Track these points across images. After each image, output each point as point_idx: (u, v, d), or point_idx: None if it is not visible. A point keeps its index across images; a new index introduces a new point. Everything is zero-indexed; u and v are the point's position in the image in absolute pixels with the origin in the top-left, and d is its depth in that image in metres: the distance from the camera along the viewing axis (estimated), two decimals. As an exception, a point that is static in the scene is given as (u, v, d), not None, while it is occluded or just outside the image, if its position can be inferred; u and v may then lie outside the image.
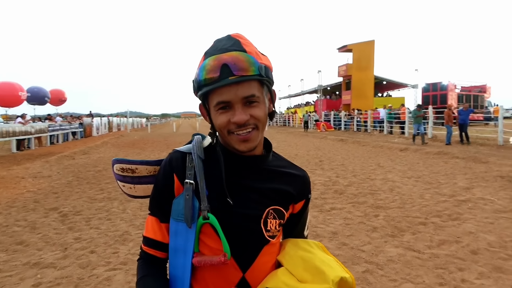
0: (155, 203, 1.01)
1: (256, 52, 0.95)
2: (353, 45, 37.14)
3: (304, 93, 50.87)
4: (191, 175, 0.96)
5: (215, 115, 0.93)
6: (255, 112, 0.92)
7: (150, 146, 18.30)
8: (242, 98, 0.90)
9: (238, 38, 0.94)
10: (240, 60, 0.88)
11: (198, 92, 0.94)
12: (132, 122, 47.98)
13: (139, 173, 1.07)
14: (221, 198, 0.95)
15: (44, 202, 6.34)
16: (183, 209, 0.94)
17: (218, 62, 0.88)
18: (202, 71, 0.90)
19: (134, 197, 1.12)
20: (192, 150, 1.00)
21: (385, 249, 3.94)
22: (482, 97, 33.68)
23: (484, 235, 4.26)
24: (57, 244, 4.26)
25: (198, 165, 0.97)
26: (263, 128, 0.97)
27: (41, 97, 28.78)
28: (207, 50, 0.95)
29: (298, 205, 1.09)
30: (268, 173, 1.03)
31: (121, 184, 1.09)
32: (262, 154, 1.05)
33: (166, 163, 1.01)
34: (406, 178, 8.00)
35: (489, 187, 6.81)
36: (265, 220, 0.98)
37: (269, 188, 1.01)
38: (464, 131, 14.67)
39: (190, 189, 0.95)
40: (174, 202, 0.97)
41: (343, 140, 18.54)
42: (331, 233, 4.50)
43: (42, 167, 10.52)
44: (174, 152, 1.02)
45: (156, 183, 1.02)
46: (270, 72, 0.95)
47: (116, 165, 1.06)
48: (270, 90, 1.00)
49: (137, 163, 1.06)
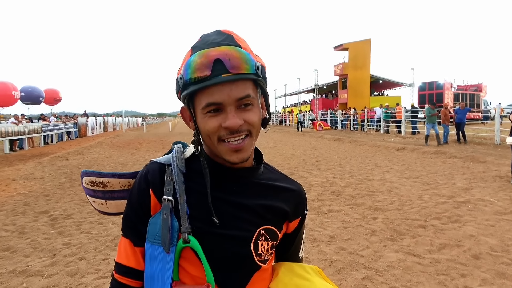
0: (128, 223, 0.86)
1: (250, 50, 0.82)
2: (349, 44, 37.04)
3: (300, 92, 50.77)
4: (170, 190, 0.82)
5: (203, 119, 0.79)
6: (249, 117, 0.79)
7: (145, 146, 18.11)
8: (236, 100, 0.77)
9: (229, 33, 0.81)
10: (235, 56, 0.75)
11: (182, 92, 0.79)
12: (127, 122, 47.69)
13: (112, 187, 0.93)
14: (204, 217, 0.81)
15: (34, 205, 6.18)
16: (160, 231, 0.80)
17: (210, 57, 0.75)
18: (190, 67, 0.76)
19: (106, 214, 0.98)
20: (171, 161, 0.86)
21: (385, 254, 3.82)
22: (478, 96, 33.77)
23: (486, 239, 4.16)
24: (46, 250, 4.11)
25: (178, 179, 0.83)
26: (257, 135, 0.84)
27: (35, 97, 28.51)
28: (195, 45, 0.81)
29: (293, 223, 0.95)
30: (259, 187, 0.89)
31: (91, 200, 0.95)
32: (252, 166, 0.91)
33: (141, 177, 0.86)
34: (404, 178, 7.90)
35: (488, 188, 6.73)
36: (255, 243, 0.85)
37: (261, 205, 0.87)
38: (461, 130, 14.62)
39: (168, 207, 0.80)
40: (150, 222, 0.82)
41: (340, 140, 18.45)
42: (329, 237, 4.38)
43: (34, 168, 10.33)
44: (151, 164, 0.88)
45: (130, 200, 0.87)
46: (265, 72, 0.82)
47: (85, 178, 0.92)
48: (265, 93, 0.86)
49: (109, 175, 0.92)
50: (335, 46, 38.73)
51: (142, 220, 0.84)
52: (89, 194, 0.94)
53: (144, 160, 12.00)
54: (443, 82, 31.60)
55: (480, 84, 35.85)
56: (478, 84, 35.91)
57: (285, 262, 0.97)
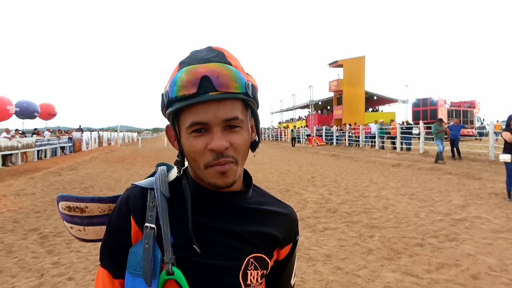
0: (107, 252, 0.79)
1: (242, 68, 0.77)
2: (344, 61, 37.49)
3: (296, 108, 51.03)
4: (152, 217, 0.75)
5: (187, 139, 0.73)
6: (236, 140, 0.73)
7: (140, 161, 17.98)
8: (223, 120, 0.71)
9: (221, 50, 0.77)
10: (224, 73, 0.71)
11: (167, 109, 0.74)
12: (123, 137, 47.50)
13: (90, 213, 0.86)
14: (189, 246, 0.75)
15: (24, 222, 6.03)
16: (142, 261, 0.73)
17: (197, 74, 0.70)
18: (176, 83, 0.71)
19: (85, 240, 0.91)
20: (154, 185, 0.80)
21: (382, 274, 3.73)
22: (472, 112, 34.10)
23: (484, 258, 4.09)
24: (33, 270, 3.98)
25: (161, 204, 0.76)
26: (243, 160, 0.78)
27: (31, 112, 28.34)
28: (183, 60, 0.76)
29: (284, 250, 0.89)
30: (248, 212, 0.83)
31: (68, 226, 0.88)
32: (241, 189, 0.85)
33: (121, 202, 0.80)
34: (400, 195, 7.85)
35: (484, 205, 6.69)
36: (244, 272, 0.78)
37: (249, 231, 0.81)
38: (455, 147, 14.67)
39: (150, 236, 0.74)
40: (131, 252, 0.75)
41: (335, 155, 18.44)
42: (325, 255, 4.29)
43: (26, 184, 10.17)
44: (133, 188, 0.81)
45: (109, 227, 0.80)
46: (256, 93, 0.77)
47: (61, 202, 0.86)
48: (255, 115, 0.81)
49: (87, 200, 0.86)
50: (330, 63, 39.20)
51: (122, 249, 0.77)
52: (66, 220, 0.88)
53: (138, 176, 11.88)
54: (437, 99, 31.94)
55: (473, 101, 36.27)
56: (471, 100, 36.33)
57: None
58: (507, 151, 7.21)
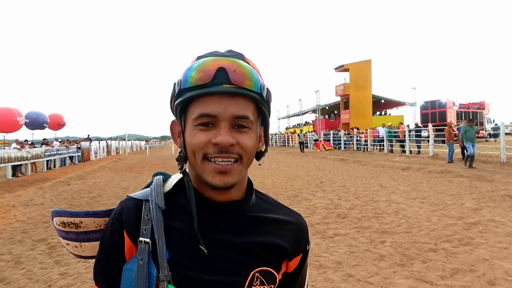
0: (101, 270, 0.75)
1: (259, 71, 0.74)
2: (350, 65, 37.40)
3: (302, 113, 50.94)
4: (147, 230, 0.71)
5: (191, 132, 0.70)
6: (244, 140, 0.69)
7: (148, 169, 18.02)
8: (232, 117, 0.68)
9: (240, 53, 0.75)
10: (242, 69, 0.68)
11: (177, 99, 0.71)
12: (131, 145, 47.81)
13: (85, 228, 0.82)
14: (187, 261, 0.70)
15: (32, 232, 6.03)
16: (136, 279, 0.68)
17: (214, 65, 0.67)
18: (191, 72, 0.68)
19: (83, 257, 0.87)
20: (149, 196, 0.75)
21: (395, 281, 3.63)
22: (481, 113, 33.67)
23: (500, 262, 3.97)
24: (41, 281, 3.95)
25: (156, 217, 0.71)
26: (248, 163, 0.73)
27: (40, 123, 28.67)
28: (201, 54, 0.74)
29: (293, 261, 0.82)
30: (252, 222, 0.77)
31: (64, 242, 0.85)
32: (243, 198, 0.79)
33: (114, 216, 0.75)
34: (410, 199, 7.71)
35: (498, 208, 6.53)
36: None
37: (254, 242, 0.75)
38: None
39: (145, 251, 0.69)
40: (125, 269, 0.70)
41: (344, 160, 18.29)
42: (335, 262, 4.19)
43: (35, 194, 10.21)
44: (126, 200, 0.77)
45: (102, 243, 0.76)
46: (270, 99, 0.74)
47: (56, 218, 0.82)
48: (266, 123, 0.77)
49: (82, 215, 0.82)
50: (336, 67, 39.12)
51: (115, 267, 0.72)
52: (62, 236, 0.84)
53: (145, 184, 11.85)
54: (446, 101, 31.61)
55: (483, 102, 35.83)
56: (481, 102, 35.89)
57: None
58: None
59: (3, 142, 26.17)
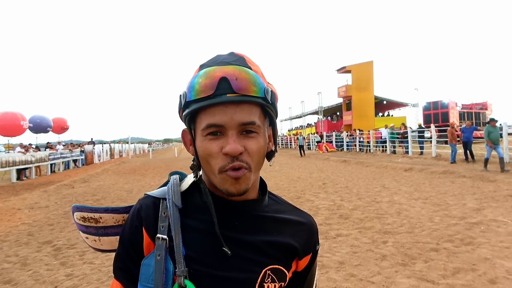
0: (120, 265, 0.78)
1: (262, 74, 0.77)
2: (352, 66, 37.43)
3: (305, 115, 51.02)
4: (164, 228, 0.74)
5: (202, 142, 0.73)
6: (251, 145, 0.72)
7: (151, 172, 18.10)
8: (239, 124, 0.70)
9: (242, 55, 0.77)
10: (243, 76, 0.70)
11: (184, 110, 0.74)
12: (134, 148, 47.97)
13: (105, 223, 0.87)
14: (203, 258, 0.74)
15: (38, 235, 6.11)
16: (154, 274, 0.71)
17: (216, 76, 0.70)
18: (194, 84, 0.71)
19: (101, 251, 0.92)
20: (166, 195, 0.79)
21: (397, 280, 3.67)
22: (484, 114, 33.60)
23: (501, 261, 3.99)
24: (47, 282, 4.01)
25: (173, 215, 0.75)
26: (258, 168, 0.76)
27: (44, 127, 28.80)
28: (204, 63, 0.76)
29: (303, 260, 0.85)
30: (264, 222, 0.81)
31: (84, 236, 0.89)
32: (256, 198, 0.83)
33: (133, 213, 0.79)
34: (413, 200, 7.73)
35: (500, 208, 6.55)
36: (260, 285, 0.76)
37: (266, 241, 0.78)
38: (468, 149, 14.45)
39: (162, 247, 0.72)
40: (143, 264, 0.74)
41: (346, 161, 18.31)
42: (338, 262, 4.23)
43: (40, 197, 10.31)
44: (145, 198, 0.80)
45: (122, 239, 0.80)
46: (276, 100, 0.77)
47: (76, 213, 0.87)
48: (273, 123, 0.80)
49: (101, 211, 0.87)
50: (338, 69, 39.16)
51: (134, 262, 0.76)
52: (81, 230, 0.89)
53: (149, 187, 11.95)
54: (448, 102, 31.58)
55: (485, 102, 35.78)
56: (483, 102, 35.84)
57: None
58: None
59: (8, 146, 26.33)
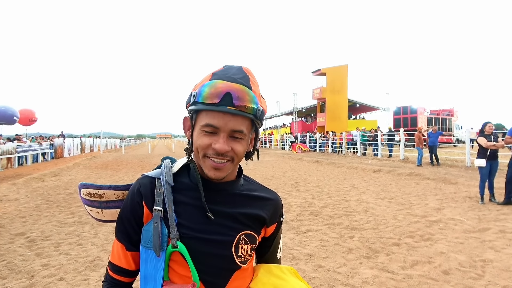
0: (122, 229, 1.00)
1: (259, 94, 0.97)
2: (327, 69, 38.19)
3: (280, 115, 51.52)
4: (160, 201, 0.95)
5: (199, 134, 0.93)
6: (237, 147, 0.93)
7: (124, 167, 17.90)
8: (231, 130, 0.91)
9: (248, 73, 0.96)
10: (244, 96, 0.90)
11: (191, 105, 0.94)
12: (105, 143, 46.93)
13: (107, 198, 1.07)
14: (191, 224, 0.95)
15: (9, 227, 6.05)
16: (152, 237, 0.93)
17: (224, 89, 0.89)
18: (205, 90, 0.90)
19: (102, 221, 1.12)
20: (161, 175, 0.99)
21: (361, 271, 3.97)
22: (450, 120, 35.10)
23: (455, 255, 4.38)
24: (23, 271, 4.06)
25: (167, 191, 0.96)
26: (238, 162, 0.98)
27: (9, 117, 27.77)
28: (216, 72, 0.95)
29: (270, 228, 1.09)
30: (240, 198, 1.03)
31: (88, 209, 1.09)
32: (234, 179, 1.05)
33: (134, 191, 1.00)
34: (379, 199, 8.15)
35: (458, 208, 7.04)
36: (236, 246, 0.98)
37: (241, 213, 1.01)
38: (434, 153, 15.17)
39: (158, 216, 0.94)
40: (144, 229, 0.96)
41: (319, 162, 18.77)
42: (307, 255, 4.50)
43: (8, 190, 10.07)
44: (143, 178, 1.01)
45: (124, 210, 1.01)
46: (263, 116, 0.98)
47: (83, 189, 1.06)
48: (257, 131, 1.03)
49: (105, 188, 1.07)
50: (314, 71, 39.82)
51: (134, 229, 0.98)
52: (86, 204, 1.08)
53: (123, 182, 11.88)
54: (417, 107, 32.80)
55: (452, 109, 37.36)
56: (450, 109, 37.41)
57: (264, 264, 1.11)
58: (481, 156, 7.58)
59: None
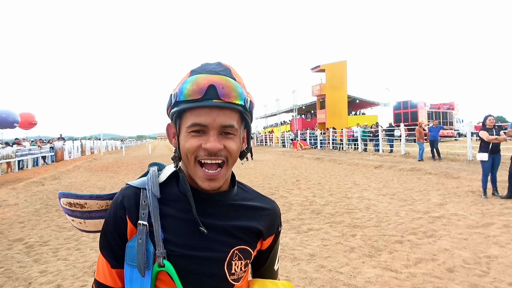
0: (106, 245, 0.90)
1: (243, 84, 0.89)
2: (326, 65, 38.02)
3: (280, 113, 51.39)
4: (145, 214, 0.85)
5: (185, 137, 0.84)
6: (230, 144, 0.84)
7: (124, 169, 17.84)
8: (220, 126, 0.82)
9: (228, 67, 0.89)
10: (229, 86, 0.82)
11: (173, 108, 0.85)
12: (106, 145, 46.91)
13: (89, 208, 0.96)
14: (179, 240, 0.86)
15: (8, 232, 5.99)
16: (136, 255, 0.83)
17: (206, 82, 0.81)
18: (185, 87, 0.81)
19: (86, 231, 1.02)
20: (146, 185, 0.89)
21: (363, 270, 3.89)
22: (451, 114, 34.99)
23: (459, 252, 4.30)
24: (21, 278, 3.99)
25: (152, 204, 0.86)
26: (233, 164, 0.89)
27: (10, 122, 27.73)
28: (194, 69, 0.87)
29: (267, 241, 0.99)
30: (234, 209, 0.93)
31: (70, 219, 0.99)
32: (227, 189, 0.95)
33: (117, 203, 0.89)
34: (381, 195, 8.08)
35: (461, 203, 6.96)
36: (229, 263, 0.89)
37: (235, 226, 0.91)
38: (435, 147, 15.08)
39: (143, 232, 0.84)
40: (128, 246, 0.86)
41: (319, 159, 18.69)
42: (308, 255, 4.43)
43: (8, 195, 10.01)
44: (126, 188, 0.91)
45: (107, 224, 0.91)
46: (252, 108, 0.89)
47: (63, 199, 0.96)
48: (248, 127, 0.93)
49: (86, 197, 0.96)
50: (313, 68, 39.67)
51: (118, 245, 0.88)
52: (67, 214, 0.98)
53: (122, 184, 11.82)
54: (417, 101, 32.68)
55: (452, 102, 37.23)
56: (450, 102, 37.28)
57: (258, 280, 1.01)
58: (483, 150, 7.50)
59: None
